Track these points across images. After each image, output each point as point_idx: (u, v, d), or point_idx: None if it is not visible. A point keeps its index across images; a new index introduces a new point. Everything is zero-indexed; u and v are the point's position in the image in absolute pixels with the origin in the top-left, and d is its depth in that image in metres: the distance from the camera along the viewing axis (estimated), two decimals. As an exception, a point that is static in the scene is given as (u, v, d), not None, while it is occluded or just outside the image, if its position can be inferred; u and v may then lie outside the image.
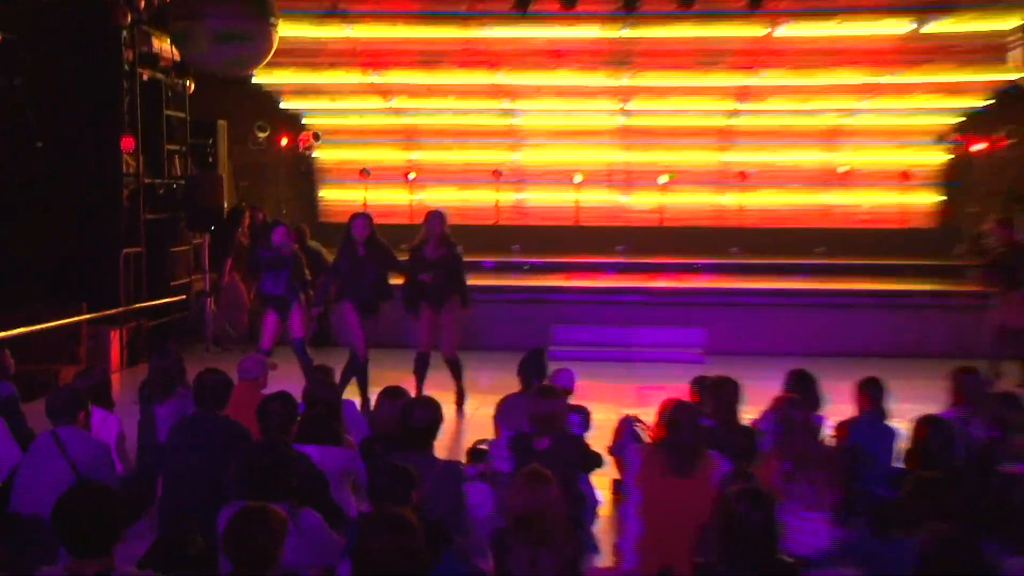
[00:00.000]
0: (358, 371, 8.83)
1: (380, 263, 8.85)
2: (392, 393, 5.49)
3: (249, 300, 12.32)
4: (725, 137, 17.11)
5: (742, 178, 16.84)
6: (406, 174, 17.99)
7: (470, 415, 9.09)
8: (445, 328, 9.11)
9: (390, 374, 8.53)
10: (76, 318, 10.73)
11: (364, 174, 17.85)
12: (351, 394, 8.64)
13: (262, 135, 16.41)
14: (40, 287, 11.29)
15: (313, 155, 18.32)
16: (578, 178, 17.39)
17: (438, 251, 9.00)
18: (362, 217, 8.98)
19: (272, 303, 9.20)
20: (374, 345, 8.98)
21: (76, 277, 11.42)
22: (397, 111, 17.36)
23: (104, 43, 11.54)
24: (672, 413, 4.62)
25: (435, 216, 9.14)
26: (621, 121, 16.88)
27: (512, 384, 6.65)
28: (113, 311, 11.22)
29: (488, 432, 6.57)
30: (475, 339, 10.83)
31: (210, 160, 13.71)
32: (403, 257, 9.19)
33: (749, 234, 16.32)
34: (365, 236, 8.75)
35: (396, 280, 9.11)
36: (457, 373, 9.24)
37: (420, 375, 9.17)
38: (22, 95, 11.34)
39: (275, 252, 9.08)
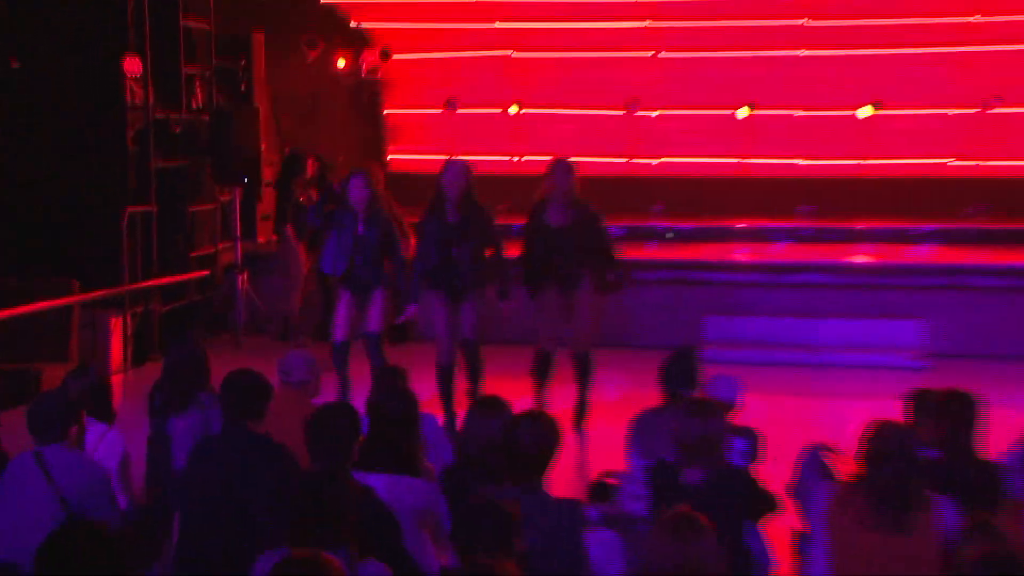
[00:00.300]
0: (439, 376, 8.91)
1: (479, 234, 8.87)
2: (488, 406, 5.51)
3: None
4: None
5: (989, 105, 16.05)
6: (507, 108, 18.08)
7: (593, 437, 9.10)
8: (578, 316, 9.10)
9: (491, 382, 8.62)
10: (65, 300, 11.03)
11: (450, 107, 18.00)
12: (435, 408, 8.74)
13: (312, 53, 16.62)
14: (16, 259, 11.66)
15: (381, 80, 18.53)
16: (743, 112, 17.21)
17: (566, 215, 8.99)
18: (456, 166, 8.96)
19: (349, 284, 9.31)
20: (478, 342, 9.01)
21: (65, 245, 11.80)
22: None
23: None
24: (877, 440, 4.54)
25: (562, 168, 9.06)
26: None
27: (650, 396, 6.61)
28: (114, 291, 11.53)
29: (617, 460, 6.55)
30: (599, 334, 10.83)
31: (243, 88, 13.97)
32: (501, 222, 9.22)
33: (993, 187, 15.87)
34: (460, 195, 8.73)
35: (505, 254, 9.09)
36: (585, 378, 9.24)
37: (540, 380, 9.22)
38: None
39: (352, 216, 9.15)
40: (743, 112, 17.24)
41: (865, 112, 16.84)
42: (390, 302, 9.32)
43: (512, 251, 9.18)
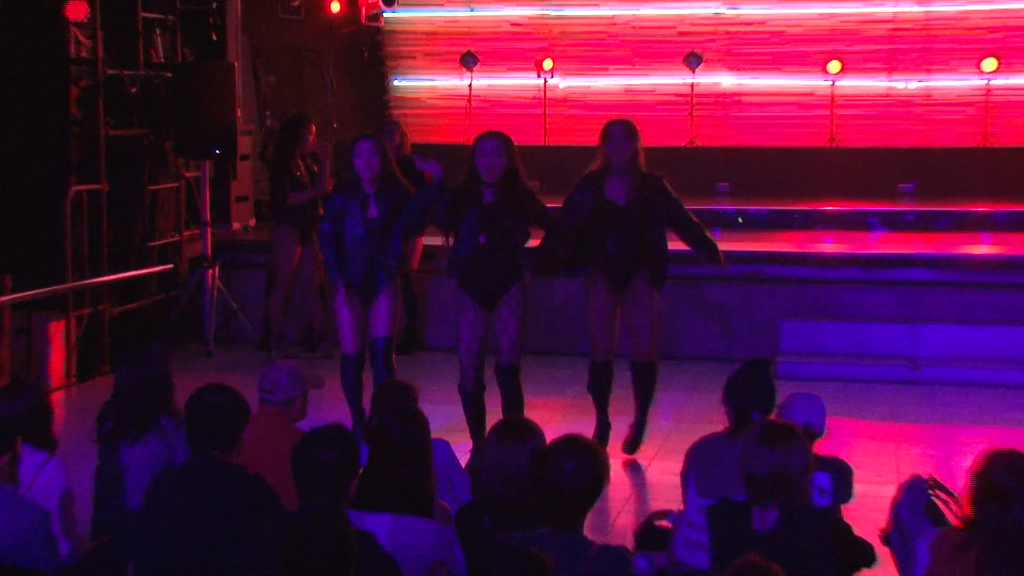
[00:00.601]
0: (463, 401, 8.91)
1: (521, 216, 8.77)
2: (512, 432, 5.52)
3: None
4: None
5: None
6: (538, 62, 18.15)
7: (644, 468, 9.12)
8: (641, 316, 9.08)
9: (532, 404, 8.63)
10: (-6, 300, 11.09)
11: (468, 62, 18.06)
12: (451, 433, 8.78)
13: (298, -3, 16.70)
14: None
15: (383, 29, 18.58)
16: (834, 66, 17.23)
17: (631, 191, 8.97)
18: (492, 141, 8.81)
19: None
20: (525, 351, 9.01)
21: (-7, 232, 11.82)
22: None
23: None
24: (994, 475, 4.53)
25: (621, 130, 8.94)
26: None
27: (713, 418, 6.62)
28: (53, 288, 11.56)
29: (671, 497, 6.56)
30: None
31: (214, 38, 14.00)
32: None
33: None
34: (501, 171, 8.70)
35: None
36: (646, 393, 9.24)
37: (601, 397, 9.23)
38: None
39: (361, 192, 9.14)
40: (834, 66, 17.25)
41: (990, 64, 16.81)
42: (399, 301, 9.30)
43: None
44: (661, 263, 8.98)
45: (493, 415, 8.20)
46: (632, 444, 9.25)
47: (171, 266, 13.07)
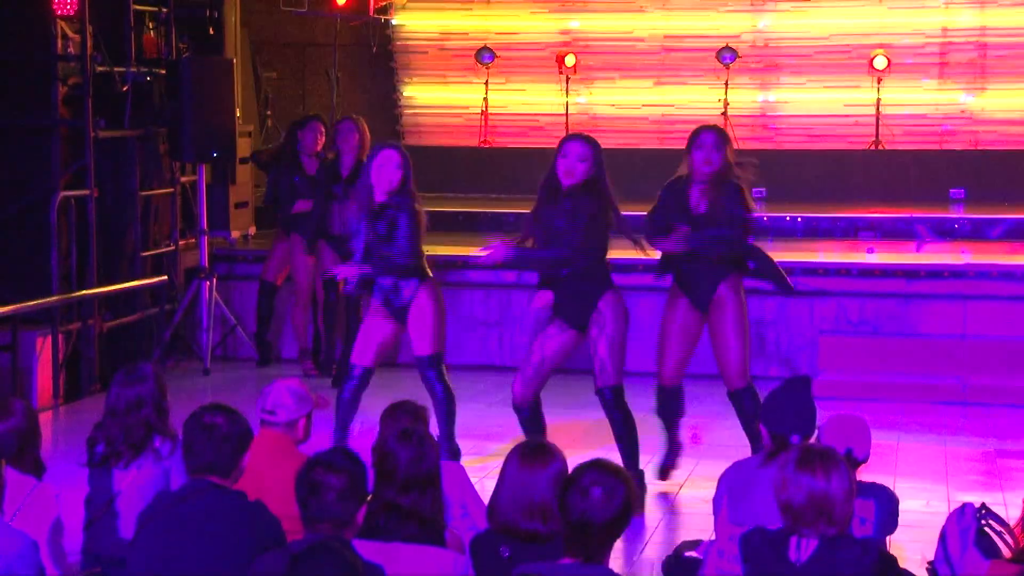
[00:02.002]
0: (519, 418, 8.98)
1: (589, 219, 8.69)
2: (535, 456, 5.52)
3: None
4: None
5: None
6: (560, 58, 18.17)
7: (673, 495, 9.13)
8: (724, 336, 9.10)
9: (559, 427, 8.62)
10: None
11: (484, 60, 18.09)
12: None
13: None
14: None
15: (393, 23, 18.61)
16: (880, 61, 17.25)
17: (706, 194, 8.96)
18: (576, 145, 8.80)
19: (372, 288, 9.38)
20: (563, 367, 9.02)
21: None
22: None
23: None
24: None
25: (710, 140, 8.97)
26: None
27: (747, 442, 6.63)
28: (40, 302, 11.56)
29: (702, 526, 6.57)
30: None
31: (211, 33, 14.01)
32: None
33: None
34: (577, 178, 8.62)
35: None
36: (751, 412, 9.18)
37: (672, 421, 9.27)
38: None
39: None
40: (880, 61, 17.27)
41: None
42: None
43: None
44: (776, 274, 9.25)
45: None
46: (665, 471, 9.33)
47: (166, 277, 13.04)
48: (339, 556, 4.40)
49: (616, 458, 8.43)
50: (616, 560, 5.10)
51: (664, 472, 9.27)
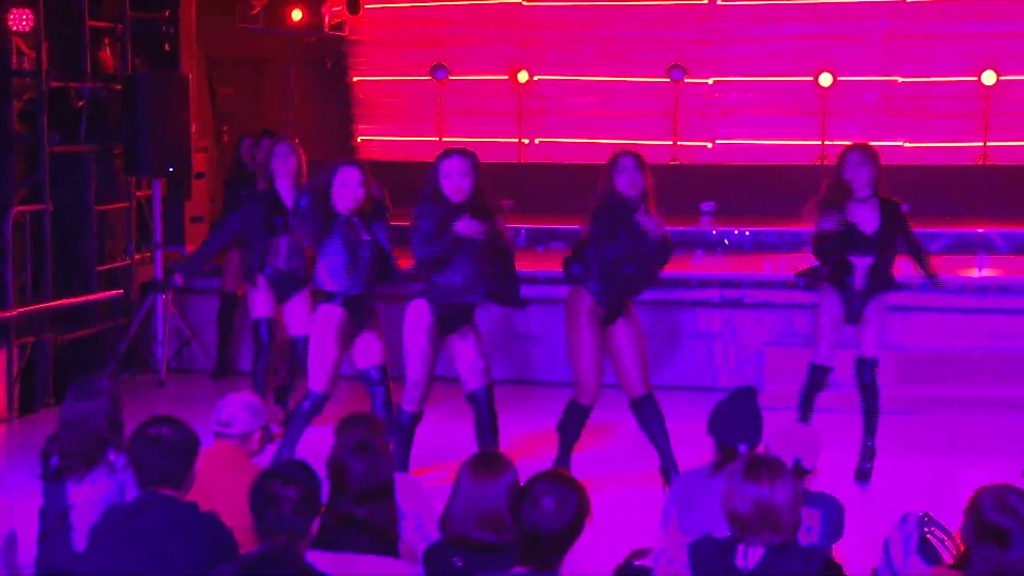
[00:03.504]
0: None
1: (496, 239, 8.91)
2: (487, 467, 5.52)
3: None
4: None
5: None
6: (513, 73, 18.22)
7: (623, 504, 9.11)
8: (622, 351, 9.19)
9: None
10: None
11: (438, 76, 18.11)
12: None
13: (257, 3, 16.69)
14: None
15: (348, 39, 18.60)
16: (826, 79, 17.33)
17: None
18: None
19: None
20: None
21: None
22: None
23: None
24: (989, 514, 4.54)
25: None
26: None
27: (695, 452, 6.63)
28: (-4, 316, 11.55)
29: (651, 534, 6.56)
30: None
31: (167, 49, 13.98)
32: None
33: None
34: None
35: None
36: (659, 427, 9.30)
37: (569, 436, 9.32)
38: None
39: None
40: (826, 79, 17.38)
41: (989, 77, 17.03)
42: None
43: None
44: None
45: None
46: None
47: (121, 291, 13.01)
48: (289, 566, 4.39)
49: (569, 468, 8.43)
50: (566, 568, 5.08)
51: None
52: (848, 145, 9.81)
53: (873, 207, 9.55)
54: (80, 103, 12.70)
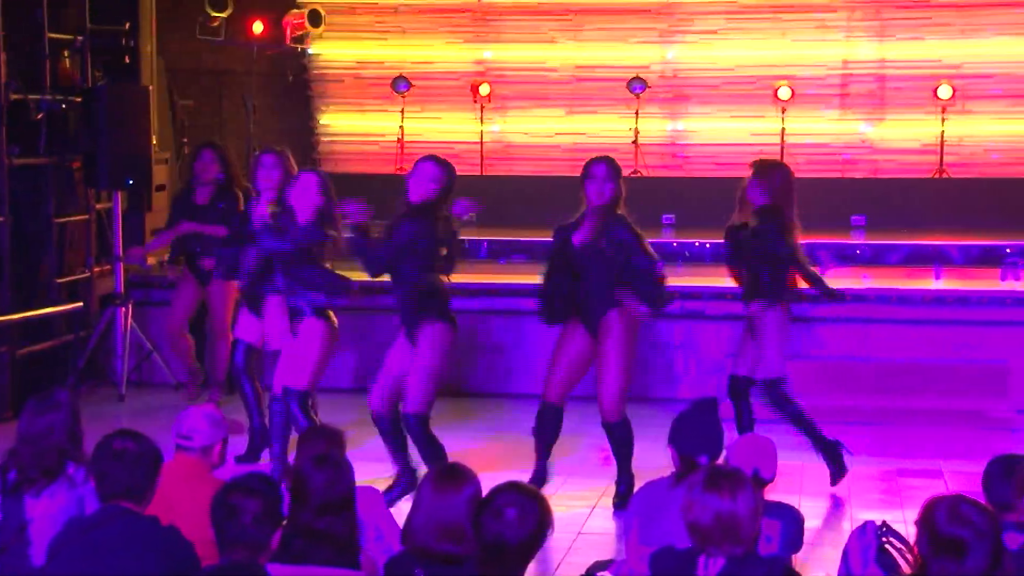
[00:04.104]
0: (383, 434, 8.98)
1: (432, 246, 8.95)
2: (449, 479, 5.51)
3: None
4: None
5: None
6: (475, 87, 18.22)
7: (585, 516, 9.12)
8: (604, 363, 9.19)
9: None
10: None
11: (400, 89, 18.09)
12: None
13: (218, 15, 16.61)
14: None
15: (310, 52, 18.59)
16: (785, 92, 17.38)
17: (590, 232, 9.16)
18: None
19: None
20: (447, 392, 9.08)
21: None
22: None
23: None
24: (944, 525, 4.55)
25: (604, 171, 9.24)
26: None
27: (657, 464, 6.63)
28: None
29: (613, 546, 6.56)
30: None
31: (127, 61, 13.92)
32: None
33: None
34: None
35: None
36: (625, 447, 9.33)
37: (544, 441, 9.36)
38: None
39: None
40: (784, 92, 17.47)
41: (946, 92, 17.17)
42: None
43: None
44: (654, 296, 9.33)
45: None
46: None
47: (81, 304, 12.89)
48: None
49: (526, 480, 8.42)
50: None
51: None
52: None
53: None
54: (40, 115, 12.58)
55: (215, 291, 11.91)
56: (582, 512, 9.13)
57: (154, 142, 13.32)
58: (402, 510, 5.79)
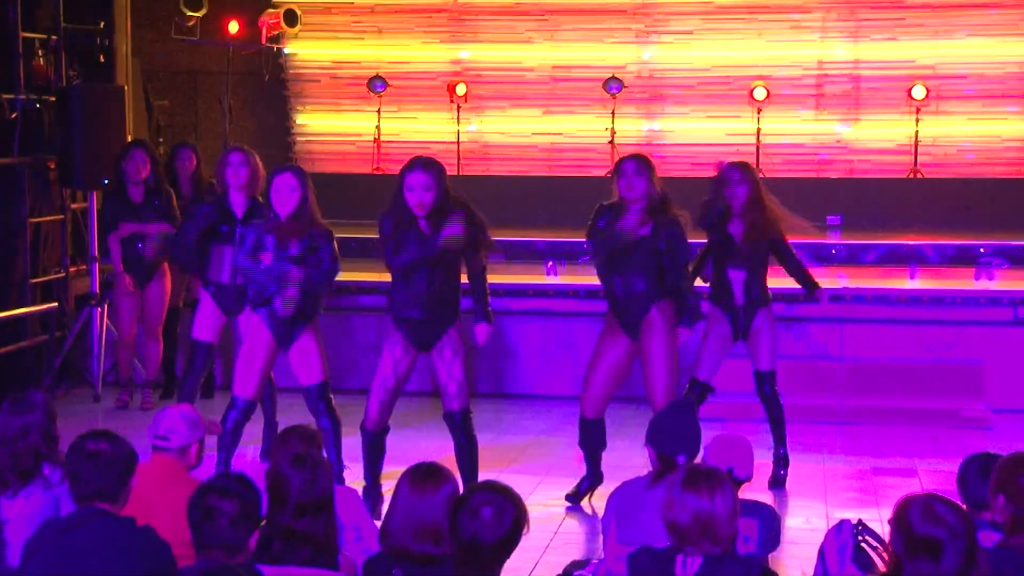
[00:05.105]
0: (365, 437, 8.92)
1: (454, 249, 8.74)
2: (427, 479, 5.50)
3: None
4: None
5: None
6: (451, 87, 18.23)
7: (563, 515, 9.12)
8: (653, 363, 9.07)
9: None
10: None
11: (376, 88, 18.09)
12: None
13: (194, 15, 16.57)
14: None
15: (286, 52, 18.56)
16: (760, 92, 17.40)
17: (641, 226, 9.10)
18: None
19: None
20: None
21: None
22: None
23: None
24: (918, 525, 4.55)
25: (633, 167, 9.15)
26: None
27: (636, 463, 6.63)
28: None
29: (591, 545, 6.55)
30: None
31: (101, 60, 13.88)
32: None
33: None
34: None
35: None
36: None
37: (593, 455, 9.27)
38: None
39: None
40: (760, 92, 17.51)
41: (919, 92, 17.24)
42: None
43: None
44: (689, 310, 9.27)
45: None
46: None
47: (56, 304, 12.89)
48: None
49: (507, 480, 8.40)
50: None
51: (575, 496, 9.30)
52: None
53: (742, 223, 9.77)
54: (14, 115, 12.58)
55: (153, 291, 11.99)
56: (559, 511, 9.13)
57: (129, 139, 13.24)
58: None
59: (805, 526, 8.27)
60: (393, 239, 8.54)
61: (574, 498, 9.26)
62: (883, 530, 5.33)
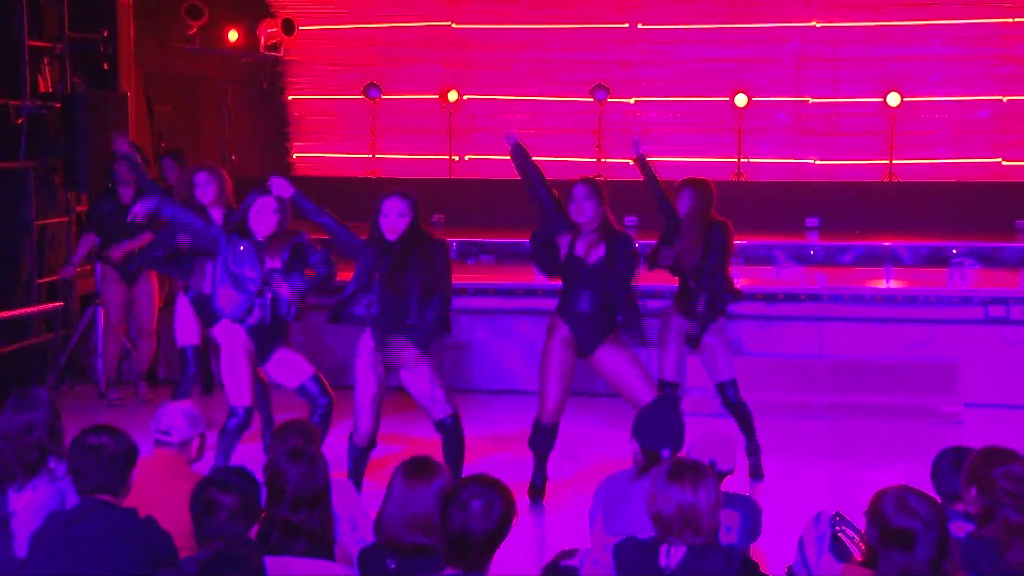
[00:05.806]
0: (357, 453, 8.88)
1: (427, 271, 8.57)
2: (419, 472, 5.51)
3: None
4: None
5: None
6: (444, 93, 18.25)
7: (551, 506, 9.13)
8: (623, 373, 9.02)
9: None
10: None
11: (372, 95, 18.11)
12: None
13: (195, 24, 16.62)
14: None
15: (284, 60, 18.57)
16: (741, 100, 17.41)
17: (595, 244, 9.14)
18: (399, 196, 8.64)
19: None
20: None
21: None
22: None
23: None
24: (892, 517, 4.57)
25: (583, 191, 9.25)
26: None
27: (621, 456, 6.64)
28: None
29: (578, 536, 6.56)
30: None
31: (105, 68, 13.88)
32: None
33: None
34: (403, 226, 8.46)
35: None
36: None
37: (540, 455, 9.21)
38: None
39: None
40: (741, 100, 17.54)
41: (894, 99, 17.28)
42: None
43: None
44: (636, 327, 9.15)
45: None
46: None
47: (62, 303, 12.89)
48: (246, 564, 4.37)
49: (494, 473, 8.41)
50: (496, 569, 5.08)
51: (539, 494, 9.26)
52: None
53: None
54: (20, 121, 12.61)
55: (141, 290, 11.99)
56: (547, 504, 9.14)
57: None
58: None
59: (785, 517, 8.28)
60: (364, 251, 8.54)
61: (538, 496, 9.24)
62: (860, 522, 5.37)
